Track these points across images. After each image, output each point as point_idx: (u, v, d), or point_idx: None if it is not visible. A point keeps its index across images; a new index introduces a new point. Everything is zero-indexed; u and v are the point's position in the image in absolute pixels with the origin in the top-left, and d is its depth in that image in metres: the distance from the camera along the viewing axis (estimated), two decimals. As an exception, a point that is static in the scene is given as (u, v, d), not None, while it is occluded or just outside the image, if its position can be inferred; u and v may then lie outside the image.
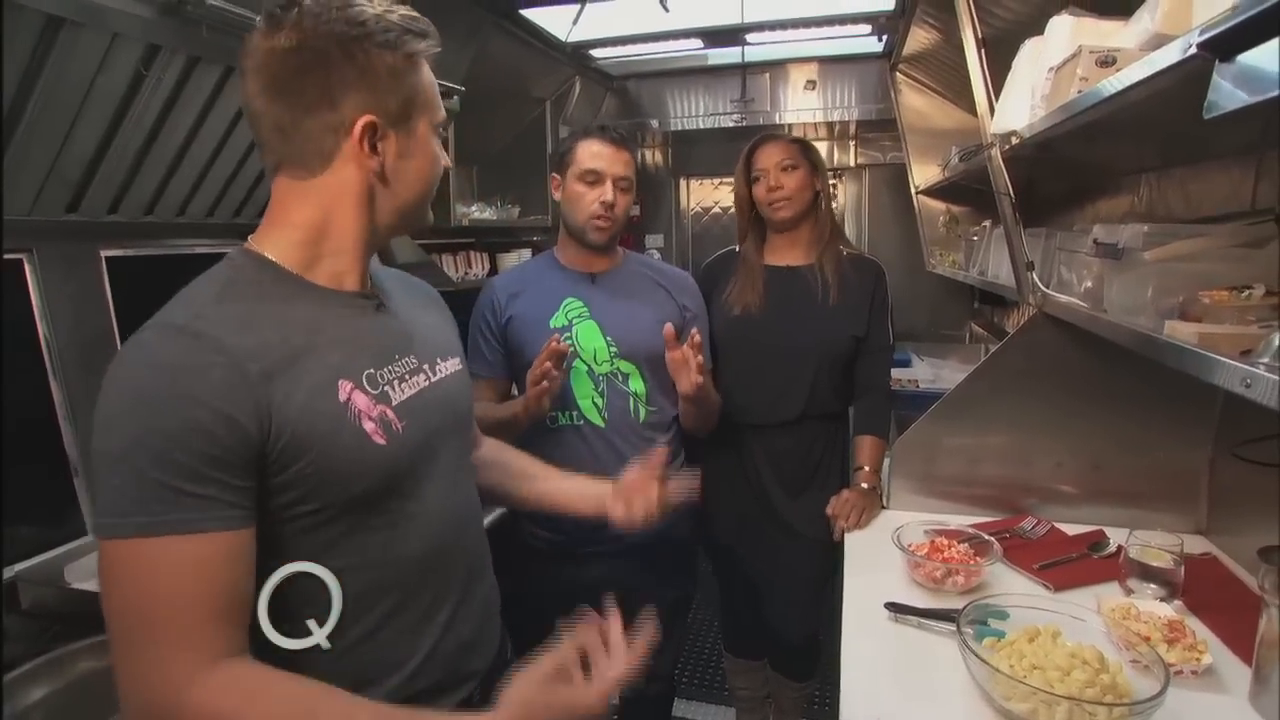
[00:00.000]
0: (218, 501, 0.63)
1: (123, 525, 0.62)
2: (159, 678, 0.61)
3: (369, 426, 0.73)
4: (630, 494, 1.05)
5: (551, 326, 1.37)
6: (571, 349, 1.36)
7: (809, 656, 1.81)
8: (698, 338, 1.29)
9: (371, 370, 0.77)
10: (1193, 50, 0.59)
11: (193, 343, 0.65)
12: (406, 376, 0.81)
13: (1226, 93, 0.55)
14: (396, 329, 0.83)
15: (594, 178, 1.35)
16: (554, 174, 1.42)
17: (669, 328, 1.30)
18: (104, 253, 1.48)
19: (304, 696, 0.66)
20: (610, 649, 0.75)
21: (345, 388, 0.73)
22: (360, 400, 0.74)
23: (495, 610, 0.97)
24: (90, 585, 1.35)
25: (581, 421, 1.38)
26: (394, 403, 0.77)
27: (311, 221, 0.75)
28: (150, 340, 0.67)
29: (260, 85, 0.71)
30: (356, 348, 0.76)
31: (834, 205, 3.48)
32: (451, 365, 0.90)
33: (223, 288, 0.71)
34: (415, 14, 0.75)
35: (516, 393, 1.45)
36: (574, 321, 1.38)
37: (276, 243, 0.75)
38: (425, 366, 0.85)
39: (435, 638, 0.82)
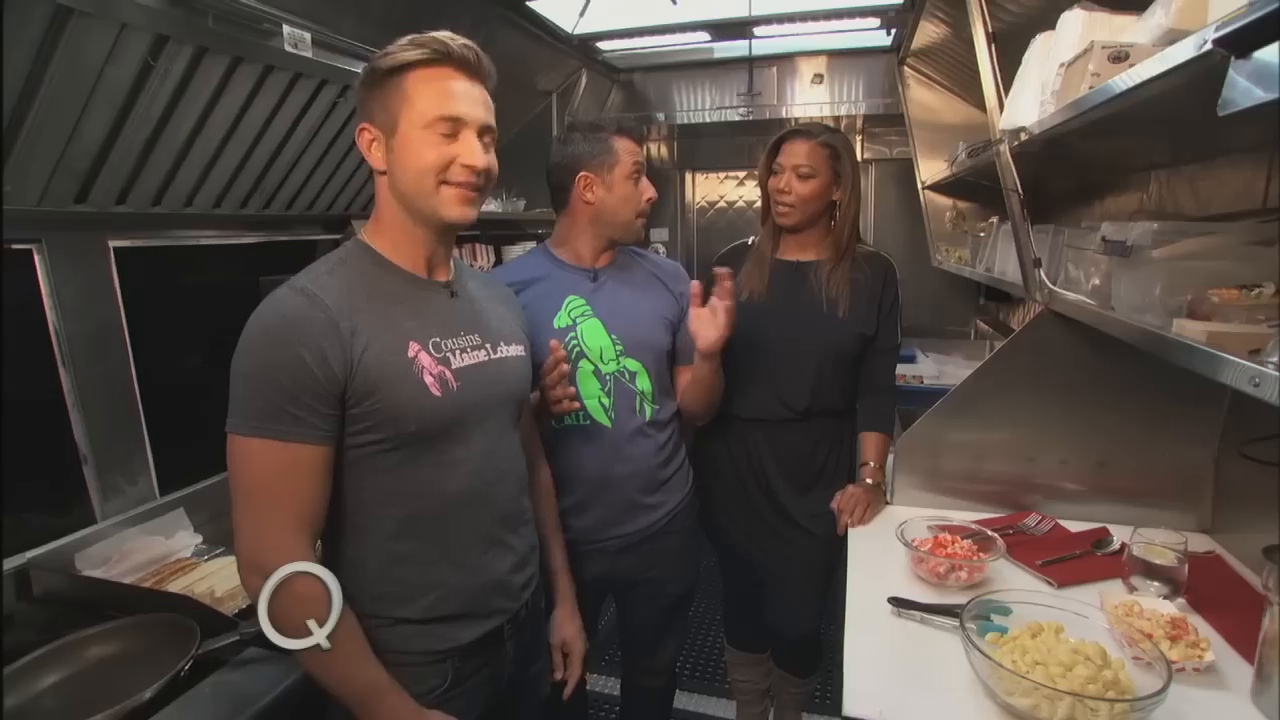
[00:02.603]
0: (306, 421, 0.85)
1: (240, 425, 0.85)
2: (262, 539, 0.85)
3: (428, 380, 0.93)
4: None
5: (556, 326, 1.35)
6: (576, 348, 1.36)
7: (811, 652, 1.82)
8: (729, 283, 1.30)
9: (438, 339, 0.96)
10: (1208, 46, 0.59)
11: (307, 300, 0.87)
12: (469, 350, 1.00)
13: (1242, 89, 0.54)
14: (466, 312, 1.03)
15: (640, 172, 1.39)
16: (585, 173, 1.35)
17: (695, 285, 1.34)
18: (112, 243, 1.49)
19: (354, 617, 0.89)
20: None
21: (413, 347, 0.93)
22: (425, 359, 0.93)
23: (532, 561, 1.12)
24: (99, 573, 1.36)
25: (589, 422, 1.36)
26: (453, 366, 0.96)
27: (382, 214, 0.98)
28: (281, 295, 0.88)
29: None
30: (428, 320, 0.96)
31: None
32: (514, 350, 1.08)
33: (335, 264, 0.94)
34: (433, 34, 0.91)
35: None
36: (578, 320, 1.36)
37: (372, 233, 0.99)
38: (488, 345, 1.03)
39: (466, 570, 0.99)
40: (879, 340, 1.60)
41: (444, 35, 0.90)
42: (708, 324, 1.32)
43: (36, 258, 1.37)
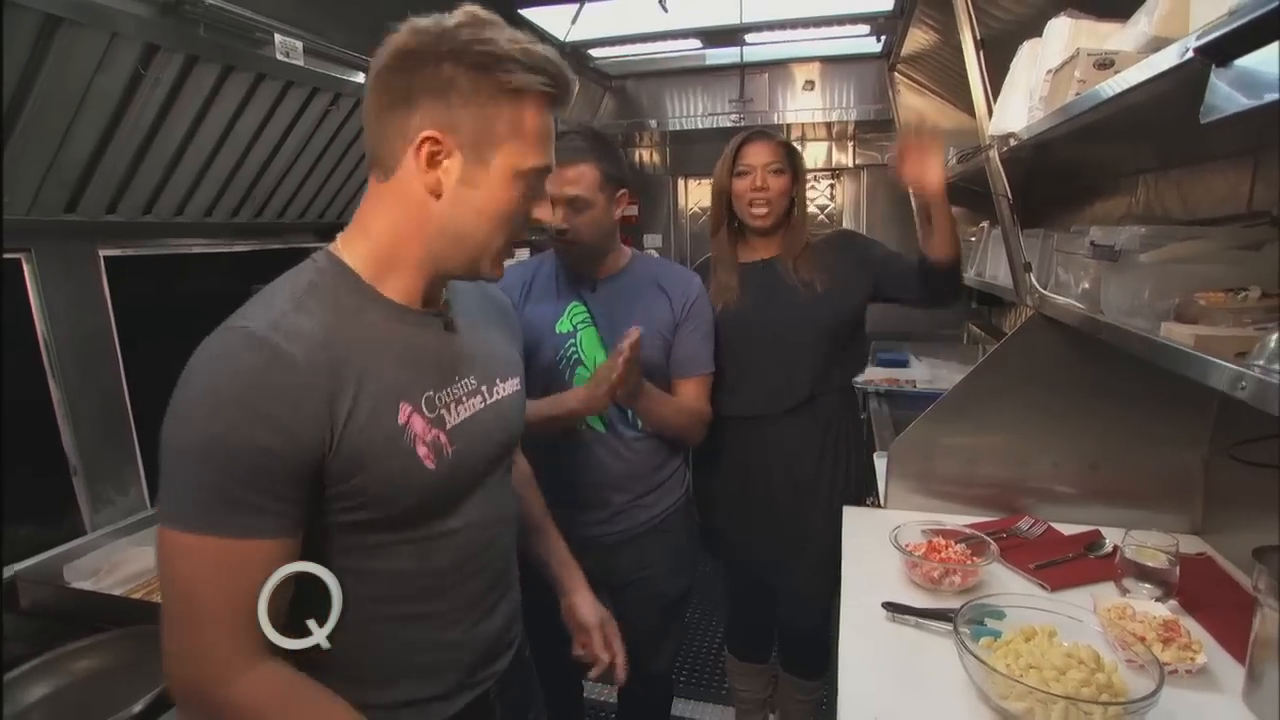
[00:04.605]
0: (269, 512, 0.67)
1: (181, 519, 0.65)
2: (202, 662, 0.67)
3: (421, 450, 0.75)
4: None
5: (557, 331, 1.36)
6: (575, 355, 1.36)
7: (818, 652, 1.80)
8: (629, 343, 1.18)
9: (431, 393, 0.78)
10: (1190, 54, 0.59)
11: (271, 357, 0.66)
12: (464, 399, 0.82)
13: (1224, 96, 0.55)
14: (461, 349, 0.84)
15: (555, 200, 1.28)
16: None
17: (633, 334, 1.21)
18: (102, 252, 1.48)
19: (327, 702, 0.72)
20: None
21: (405, 411, 0.74)
22: (417, 424, 0.75)
23: (517, 616, 0.97)
24: (89, 585, 1.35)
25: (583, 427, 1.38)
26: (448, 426, 0.79)
27: (383, 231, 0.76)
28: (233, 344, 0.68)
29: (371, 75, 0.73)
30: (419, 368, 0.77)
31: (830, 208, 3.55)
32: (510, 386, 0.91)
33: (304, 293, 0.72)
34: (549, 55, 0.73)
35: None
36: (578, 328, 1.37)
37: (356, 249, 0.77)
38: (484, 388, 0.86)
39: (454, 648, 0.84)
40: (894, 265, 1.60)
41: (562, 63, 0.75)
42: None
43: (25, 267, 1.36)
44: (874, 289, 1.61)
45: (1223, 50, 0.54)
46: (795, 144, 1.65)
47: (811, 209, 3.54)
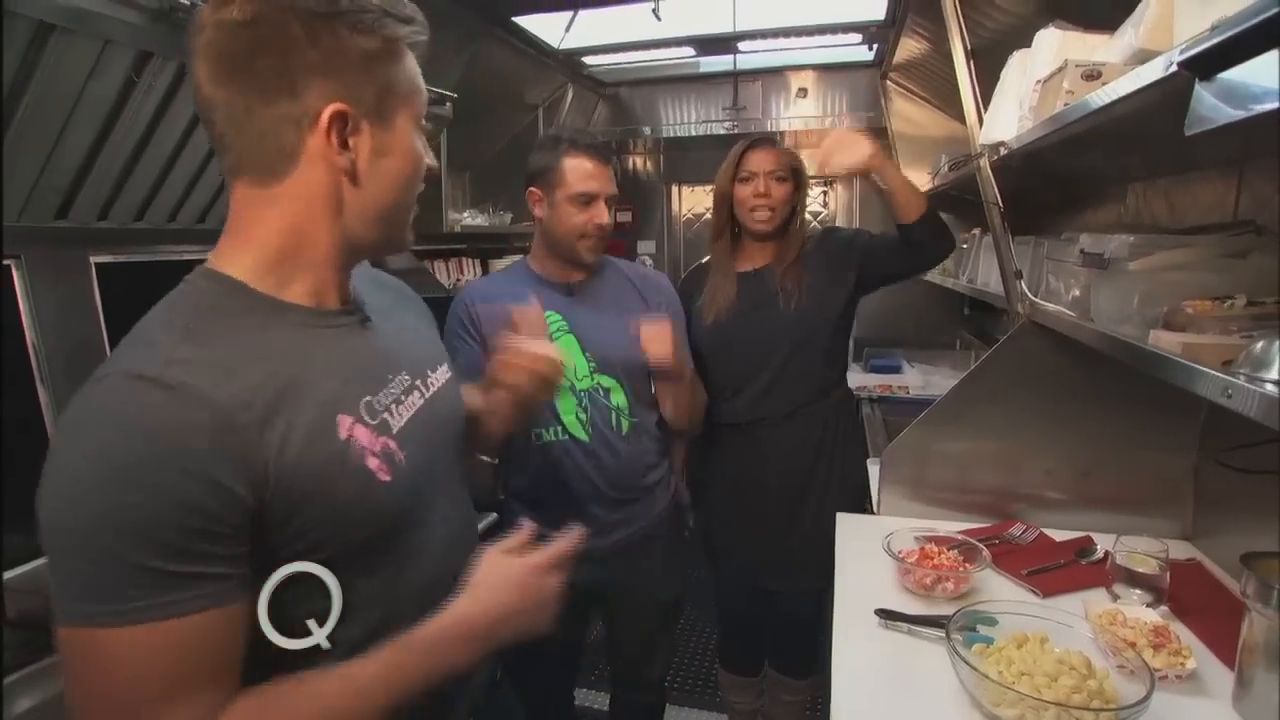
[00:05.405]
0: (206, 577, 0.56)
1: (99, 613, 0.53)
2: None
3: (373, 464, 0.67)
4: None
5: None
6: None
7: (809, 649, 1.80)
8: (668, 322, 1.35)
9: (369, 398, 0.70)
10: (1174, 68, 0.60)
11: (170, 397, 0.56)
12: (402, 398, 0.75)
13: (1208, 107, 0.56)
14: (385, 344, 0.76)
15: (587, 199, 1.33)
16: (533, 188, 1.37)
17: (636, 324, 1.34)
18: (94, 259, 1.47)
19: (304, 701, 0.62)
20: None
21: (345, 424, 0.66)
22: (363, 435, 0.67)
23: None
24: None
25: (566, 437, 1.38)
26: (394, 430, 0.71)
27: (281, 237, 0.66)
28: (119, 393, 0.56)
29: (210, 67, 0.61)
30: (350, 374, 0.69)
31: (823, 214, 3.58)
32: (442, 374, 0.85)
33: (189, 322, 0.62)
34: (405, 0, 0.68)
35: None
36: (554, 338, 1.37)
37: (241, 262, 0.66)
38: (418, 382, 0.78)
39: (433, 694, 0.74)
40: (876, 242, 1.59)
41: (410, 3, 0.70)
42: (653, 342, 1.34)
43: (16, 273, 1.35)
44: (860, 276, 1.59)
45: (1205, 64, 0.55)
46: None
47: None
